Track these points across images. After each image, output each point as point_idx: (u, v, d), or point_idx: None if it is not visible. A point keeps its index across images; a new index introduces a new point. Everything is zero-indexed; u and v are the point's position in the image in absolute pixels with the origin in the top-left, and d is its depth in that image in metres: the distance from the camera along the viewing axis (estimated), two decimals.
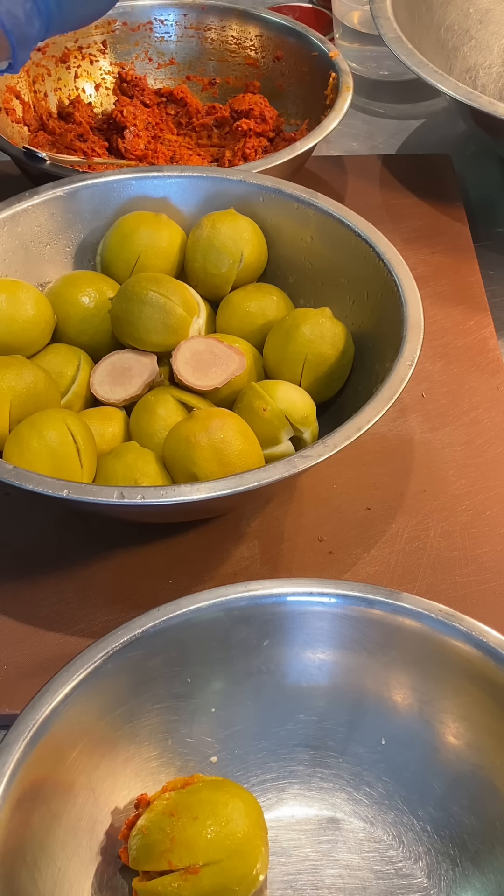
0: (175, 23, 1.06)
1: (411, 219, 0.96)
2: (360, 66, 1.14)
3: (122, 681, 0.56)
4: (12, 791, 0.51)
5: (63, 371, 0.74)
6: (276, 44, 1.03)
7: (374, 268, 0.74)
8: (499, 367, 0.83)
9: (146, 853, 0.52)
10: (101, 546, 0.72)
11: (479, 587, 0.69)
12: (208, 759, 0.59)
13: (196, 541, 0.72)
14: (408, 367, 0.67)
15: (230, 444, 0.66)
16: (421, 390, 0.81)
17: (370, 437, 0.67)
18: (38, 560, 0.71)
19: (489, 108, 0.88)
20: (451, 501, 0.74)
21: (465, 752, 0.57)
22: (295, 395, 0.71)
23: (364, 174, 1.01)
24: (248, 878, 0.53)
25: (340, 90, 0.93)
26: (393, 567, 0.70)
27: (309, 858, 0.57)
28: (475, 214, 0.98)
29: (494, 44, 1.08)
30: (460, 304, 0.88)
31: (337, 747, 0.59)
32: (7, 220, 0.78)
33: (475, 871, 0.55)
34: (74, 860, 0.54)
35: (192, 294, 0.77)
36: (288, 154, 0.87)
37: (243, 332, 0.77)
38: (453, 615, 0.57)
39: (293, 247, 0.80)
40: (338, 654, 0.59)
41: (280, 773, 0.59)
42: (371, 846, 0.57)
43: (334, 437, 0.63)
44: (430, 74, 0.91)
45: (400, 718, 0.58)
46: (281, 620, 0.59)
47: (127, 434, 0.72)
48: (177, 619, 0.57)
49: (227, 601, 0.58)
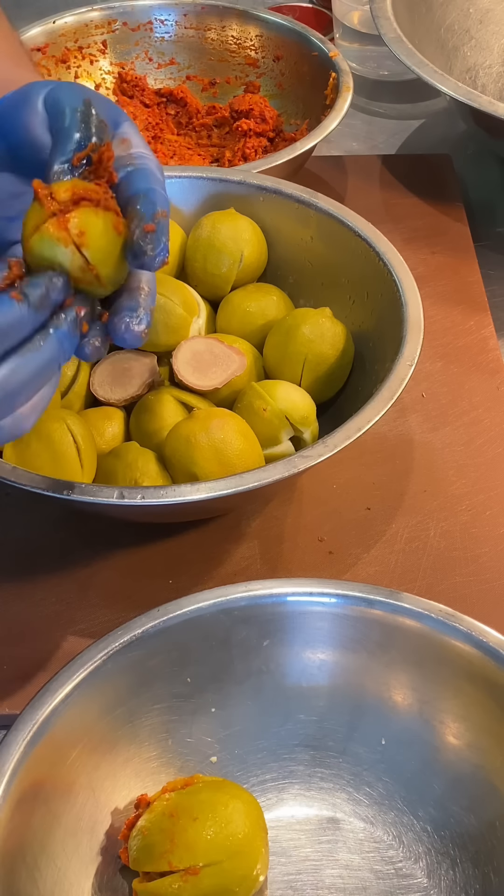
0: (175, 23, 1.06)
1: (411, 219, 0.96)
2: (360, 66, 1.14)
3: (122, 681, 0.56)
4: (12, 791, 0.51)
5: (63, 371, 0.74)
6: (276, 44, 1.03)
7: (374, 268, 0.74)
8: (499, 367, 0.83)
9: (146, 854, 0.52)
10: (101, 546, 0.72)
11: (479, 587, 0.69)
12: (208, 759, 0.59)
13: (196, 541, 0.72)
14: (408, 367, 0.67)
15: (230, 444, 0.66)
16: (421, 390, 0.81)
17: (370, 437, 0.67)
18: (38, 560, 0.71)
19: (489, 108, 0.88)
20: (451, 501, 0.74)
21: (465, 752, 0.57)
22: (295, 395, 0.71)
23: (364, 174, 1.01)
24: (248, 878, 0.53)
25: (340, 90, 0.93)
26: (393, 567, 0.70)
27: (309, 858, 0.57)
28: (475, 214, 0.98)
29: (494, 44, 1.08)
30: (460, 304, 0.88)
31: (337, 747, 0.59)
32: None
33: (475, 871, 0.55)
34: (74, 860, 0.54)
35: (192, 294, 0.77)
36: (288, 154, 0.87)
37: (243, 332, 0.77)
38: (453, 615, 0.57)
39: (293, 247, 0.80)
40: (338, 654, 0.59)
41: (280, 773, 0.59)
42: (371, 846, 0.57)
43: (334, 437, 0.63)
44: (430, 74, 0.91)
45: (400, 718, 0.58)
46: (281, 620, 0.59)
47: (127, 434, 0.72)
48: (177, 619, 0.57)
49: (227, 601, 0.58)
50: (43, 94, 0.54)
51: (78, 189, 0.50)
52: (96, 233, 0.49)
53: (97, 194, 0.50)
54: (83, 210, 0.49)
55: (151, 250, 0.50)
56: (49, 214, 0.49)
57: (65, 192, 0.50)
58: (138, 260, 0.50)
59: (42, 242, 0.49)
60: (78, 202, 0.50)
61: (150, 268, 0.51)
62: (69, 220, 0.49)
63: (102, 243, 0.50)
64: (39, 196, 0.50)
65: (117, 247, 0.50)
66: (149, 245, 0.50)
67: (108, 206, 0.50)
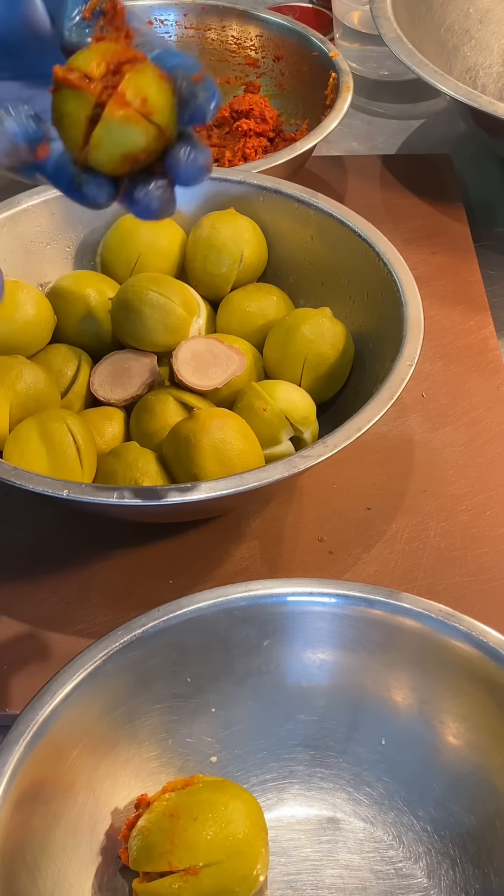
0: (175, 23, 1.06)
1: (411, 219, 0.96)
2: (360, 66, 1.14)
3: (122, 681, 0.56)
4: (12, 791, 0.51)
5: (63, 371, 0.74)
6: (276, 44, 1.03)
7: (374, 268, 0.74)
8: (499, 367, 0.83)
9: (146, 854, 0.52)
10: (101, 546, 0.72)
11: (479, 587, 0.69)
12: (208, 759, 0.59)
13: (196, 541, 0.72)
14: (408, 367, 0.67)
15: (230, 444, 0.66)
16: (421, 390, 0.81)
17: (370, 437, 0.67)
18: (38, 560, 0.71)
19: (489, 108, 0.88)
20: (451, 501, 0.74)
21: (465, 752, 0.57)
22: (295, 395, 0.71)
23: (364, 174, 1.01)
24: (248, 879, 0.53)
25: (340, 90, 0.93)
26: (393, 567, 0.70)
27: (309, 858, 0.57)
28: (475, 214, 0.98)
29: (494, 44, 1.08)
30: (460, 304, 0.88)
31: (337, 747, 0.59)
32: (7, 220, 0.78)
33: (475, 871, 0.55)
34: (74, 860, 0.54)
35: (192, 294, 0.77)
36: (288, 154, 0.87)
37: (243, 332, 0.77)
38: (453, 615, 0.57)
39: (293, 247, 0.80)
40: (338, 654, 0.59)
41: (280, 773, 0.59)
42: (371, 846, 0.57)
43: (334, 437, 0.63)
44: (430, 74, 0.91)
45: (400, 718, 0.58)
46: (281, 620, 0.59)
47: (127, 434, 0.72)
48: (177, 619, 0.57)
49: (227, 601, 0.58)
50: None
51: (109, 54, 0.44)
52: (154, 93, 0.45)
53: (130, 51, 0.45)
54: (132, 76, 0.44)
55: (204, 97, 0.47)
56: (95, 96, 0.44)
57: (97, 64, 0.44)
58: (190, 108, 0.46)
59: (110, 133, 0.44)
60: (118, 70, 0.44)
61: (203, 116, 0.47)
62: (124, 93, 0.43)
63: (163, 101, 0.45)
64: (71, 81, 0.44)
65: (171, 99, 0.46)
66: (201, 91, 0.47)
67: (144, 59, 0.45)
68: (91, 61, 0.44)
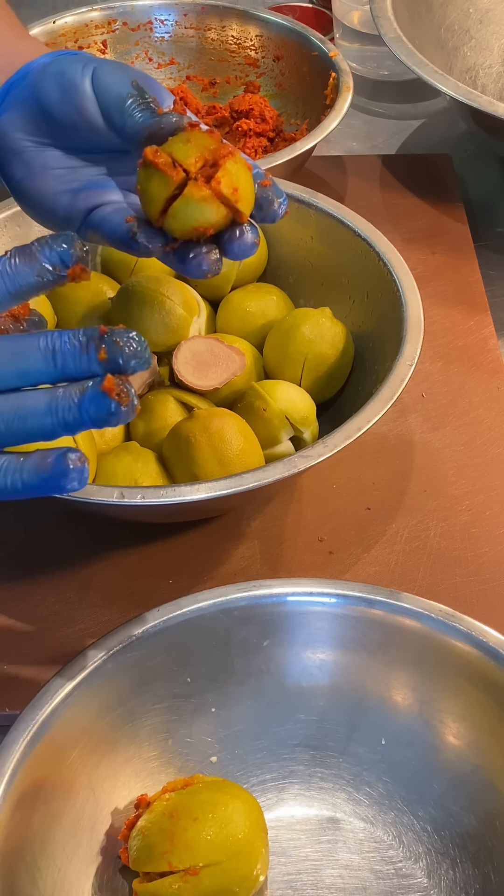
0: (175, 23, 1.06)
1: (411, 219, 0.96)
2: (360, 66, 1.14)
3: (122, 681, 0.56)
4: (12, 791, 0.51)
5: None
6: (276, 44, 1.03)
7: (374, 268, 0.74)
8: (499, 367, 0.83)
9: (146, 854, 0.52)
10: (101, 546, 0.72)
11: (479, 587, 0.69)
12: (208, 759, 0.59)
13: (196, 541, 0.72)
14: (408, 367, 0.67)
15: (230, 444, 0.66)
16: (421, 390, 0.81)
17: (370, 437, 0.67)
18: (38, 560, 0.71)
19: (489, 108, 0.88)
20: (451, 501, 0.74)
21: (465, 752, 0.57)
22: (295, 395, 0.71)
23: (364, 174, 1.01)
24: (248, 879, 0.53)
25: (340, 90, 0.93)
26: (393, 567, 0.70)
27: (309, 858, 0.57)
28: (475, 214, 0.98)
29: (494, 44, 1.08)
30: (460, 304, 0.88)
31: (337, 747, 0.59)
32: (7, 220, 0.78)
33: (475, 871, 0.55)
34: (74, 860, 0.54)
35: (192, 294, 0.77)
36: (288, 154, 0.87)
37: (243, 332, 0.77)
38: (453, 615, 0.57)
39: (293, 247, 0.80)
40: (338, 654, 0.59)
41: (280, 773, 0.59)
42: (371, 846, 0.57)
43: (334, 437, 0.63)
44: (430, 74, 0.91)
45: (400, 718, 0.58)
46: (281, 620, 0.59)
47: (127, 434, 0.72)
48: (177, 619, 0.57)
49: (227, 601, 0.58)
50: (88, 76, 0.57)
51: (207, 151, 0.52)
52: (244, 184, 0.52)
53: (225, 147, 0.52)
54: (228, 167, 0.52)
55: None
56: (179, 179, 0.51)
57: (195, 161, 0.51)
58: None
59: (188, 209, 0.52)
60: (215, 163, 0.52)
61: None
62: (220, 180, 0.51)
63: (249, 191, 0.53)
64: (158, 165, 0.51)
65: (254, 189, 0.54)
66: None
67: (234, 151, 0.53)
68: (189, 156, 0.52)
